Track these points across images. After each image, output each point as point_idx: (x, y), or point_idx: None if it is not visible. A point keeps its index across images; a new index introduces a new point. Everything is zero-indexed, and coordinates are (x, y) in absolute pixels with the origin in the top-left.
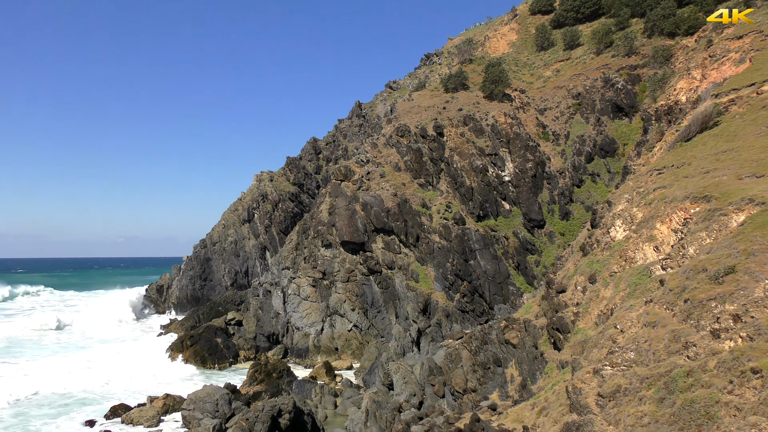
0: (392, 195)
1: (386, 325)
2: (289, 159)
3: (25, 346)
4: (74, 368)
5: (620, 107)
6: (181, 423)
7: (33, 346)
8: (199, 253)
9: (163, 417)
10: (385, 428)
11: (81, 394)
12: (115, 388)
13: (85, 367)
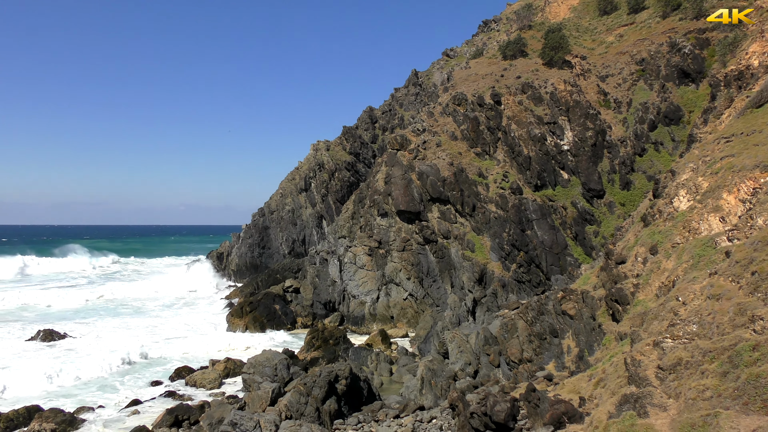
0: (448, 164)
1: (441, 294)
2: (345, 128)
3: (97, 313)
4: (141, 332)
5: (687, 73)
6: (241, 386)
7: (104, 312)
8: (257, 221)
9: (224, 380)
10: (440, 396)
11: (148, 355)
12: (179, 352)
13: (150, 330)
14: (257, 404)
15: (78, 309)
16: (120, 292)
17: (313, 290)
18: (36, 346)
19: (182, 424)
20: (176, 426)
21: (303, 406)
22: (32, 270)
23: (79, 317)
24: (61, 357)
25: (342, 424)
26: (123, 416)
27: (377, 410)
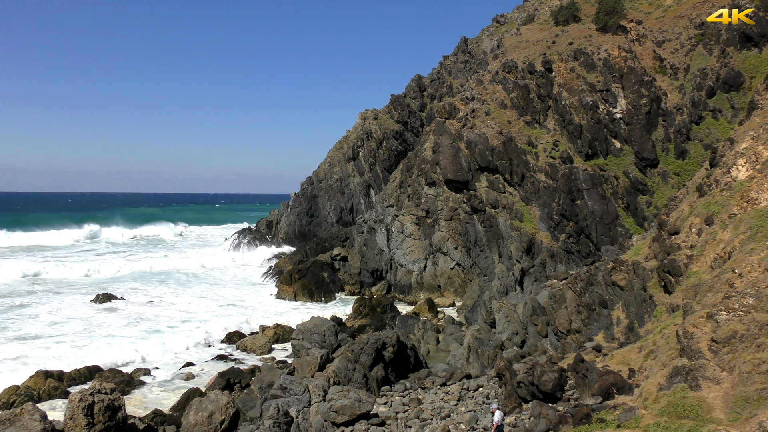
0: (497, 133)
1: (489, 264)
2: (393, 97)
3: (150, 280)
4: (193, 297)
5: (749, 37)
6: (290, 352)
7: (158, 279)
8: (306, 190)
9: (273, 345)
10: (487, 365)
11: (200, 319)
12: (229, 317)
13: (202, 296)
14: (306, 370)
15: (121, 276)
16: (173, 260)
17: (360, 258)
18: (96, 307)
19: (234, 387)
20: (228, 389)
21: (351, 372)
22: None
23: (132, 284)
24: (120, 320)
25: (389, 390)
26: (177, 378)
27: (424, 378)
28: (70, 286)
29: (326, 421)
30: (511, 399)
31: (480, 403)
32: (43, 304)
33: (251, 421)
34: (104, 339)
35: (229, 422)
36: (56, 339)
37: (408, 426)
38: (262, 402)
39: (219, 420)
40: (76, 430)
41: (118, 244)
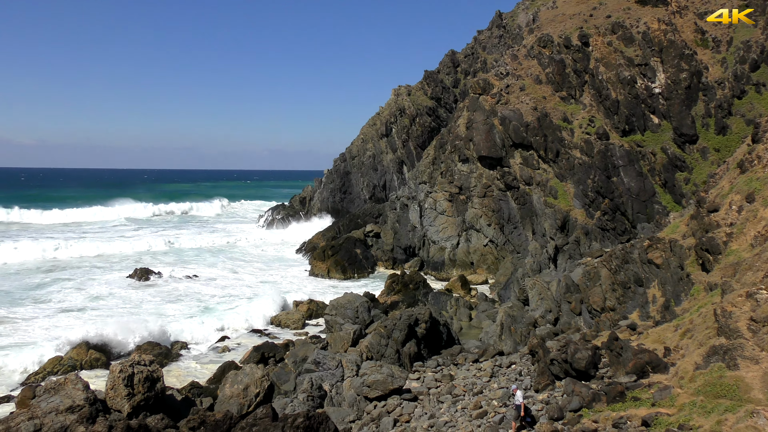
0: (532, 109)
1: (522, 241)
2: (426, 73)
3: (186, 257)
4: (228, 273)
5: None
6: (323, 327)
7: (194, 253)
8: (339, 166)
9: (307, 321)
10: (520, 342)
11: (235, 295)
12: (263, 293)
13: (234, 271)
14: (339, 345)
15: (157, 252)
16: (208, 237)
17: (393, 235)
18: (133, 283)
19: (268, 361)
20: (262, 362)
21: (383, 348)
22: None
23: (169, 260)
24: (157, 295)
25: (421, 366)
26: (213, 352)
27: (456, 354)
28: (109, 263)
29: (359, 396)
30: (543, 376)
31: (512, 380)
32: (84, 279)
33: (285, 395)
34: (142, 313)
35: (264, 395)
36: (97, 312)
37: (440, 402)
38: (296, 376)
39: (254, 393)
40: (117, 400)
41: (155, 221)
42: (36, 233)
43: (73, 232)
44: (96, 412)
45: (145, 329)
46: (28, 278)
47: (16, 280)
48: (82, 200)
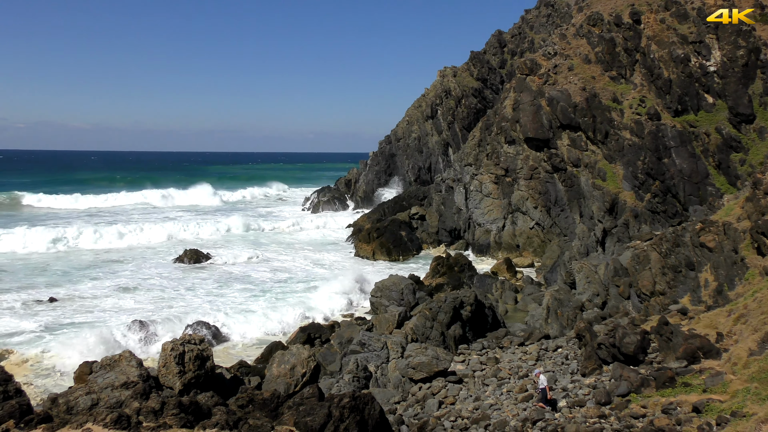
0: (580, 89)
1: (569, 224)
2: (472, 53)
3: (233, 241)
4: (274, 254)
5: None
6: (368, 308)
7: (246, 237)
8: (384, 148)
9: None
10: (566, 326)
11: (281, 278)
12: (310, 274)
13: (280, 254)
14: (384, 326)
15: (208, 240)
16: (253, 220)
17: (438, 217)
18: (182, 267)
19: (314, 341)
20: (309, 343)
21: (428, 330)
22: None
23: (219, 243)
24: (206, 277)
25: (466, 348)
26: (260, 332)
27: (501, 337)
28: (161, 248)
29: (404, 377)
30: (591, 360)
31: (559, 364)
32: (135, 263)
33: (331, 375)
34: (192, 294)
35: (310, 375)
36: (148, 293)
37: (485, 384)
38: (341, 357)
39: (300, 373)
40: (169, 377)
41: (201, 207)
42: (97, 217)
43: (129, 215)
44: (149, 389)
45: (194, 308)
46: (86, 260)
47: (76, 263)
48: (136, 184)
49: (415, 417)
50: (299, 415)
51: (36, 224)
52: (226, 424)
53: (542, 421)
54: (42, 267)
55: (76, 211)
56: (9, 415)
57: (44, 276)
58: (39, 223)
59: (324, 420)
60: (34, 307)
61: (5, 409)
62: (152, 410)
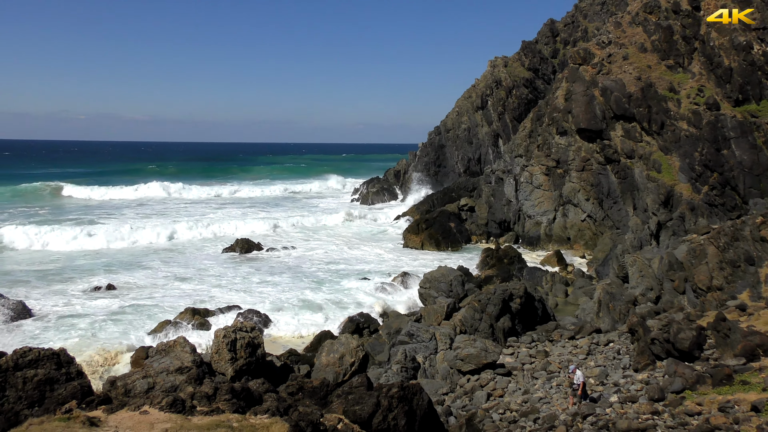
0: (635, 79)
1: (622, 216)
2: (524, 43)
3: (285, 231)
4: (324, 243)
5: None
6: (417, 299)
7: (295, 229)
8: (433, 139)
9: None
10: (618, 320)
11: (331, 268)
12: (358, 264)
13: (329, 244)
14: (432, 318)
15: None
16: (304, 212)
17: (488, 209)
18: (234, 257)
19: (362, 331)
20: (357, 333)
21: (477, 322)
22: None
23: (271, 235)
24: (258, 267)
25: (516, 341)
26: (309, 321)
27: (551, 330)
28: (211, 239)
29: (452, 369)
30: (643, 356)
31: (610, 359)
32: (188, 252)
33: (379, 365)
34: (243, 282)
35: (359, 364)
36: (200, 282)
37: (535, 377)
38: (389, 347)
39: (349, 362)
40: (221, 363)
41: (250, 199)
42: (147, 207)
43: (181, 207)
44: (203, 374)
45: (244, 296)
46: (140, 251)
47: (129, 253)
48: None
49: (463, 408)
50: (348, 403)
51: (96, 216)
52: (277, 410)
53: (593, 416)
54: (98, 258)
55: (135, 202)
56: (71, 396)
57: (101, 266)
58: (99, 214)
59: (372, 409)
60: (95, 294)
61: (68, 389)
62: (206, 395)
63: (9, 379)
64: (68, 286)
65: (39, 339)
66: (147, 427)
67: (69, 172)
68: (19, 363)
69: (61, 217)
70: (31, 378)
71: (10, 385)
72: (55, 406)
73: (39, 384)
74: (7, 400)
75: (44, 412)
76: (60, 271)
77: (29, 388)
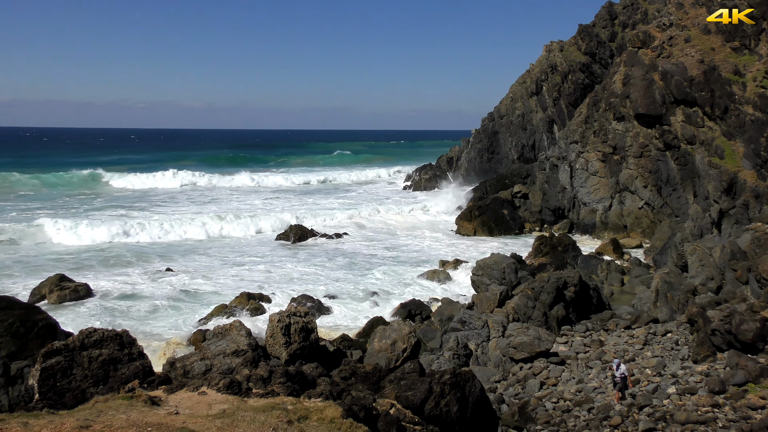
0: (697, 62)
1: (682, 204)
2: (581, 27)
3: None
4: (378, 230)
5: None
6: (469, 286)
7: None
8: (486, 126)
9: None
10: (677, 310)
11: (382, 255)
12: (411, 250)
13: (380, 230)
14: (485, 305)
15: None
16: (353, 199)
17: (541, 196)
18: (286, 245)
19: (414, 318)
20: (409, 319)
21: (530, 310)
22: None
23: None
24: (309, 253)
25: (569, 330)
26: (362, 306)
27: (607, 319)
28: (265, 227)
29: (505, 356)
30: (703, 347)
31: (668, 349)
32: (242, 238)
33: (431, 351)
34: (296, 268)
35: (411, 350)
36: (254, 267)
37: (589, 367)
38: (441, 334)
39: (401, 348)
40: (276, 347)
41: (308, 187)
42: (201, 194)
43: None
44: (258, 357)
45: (298, 282)
46: (193, 237)
47: (184, 241)
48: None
49: (516, 397)
50: (400, 389)
51: (149, 204)
52: (330, 394)
53: (649, 407)
54: (154, 246)
55: (187, 190)
56: (134, 375)
57: (157, 253)
58: (153, 202)
59: (425, 395)
60: (153, 277)
61: (130, 369)
62: (261, 378)
63: (76, 358)
64: (128, 269)
65: (101, 320)
66: (205, 408)
67: (127, 159)
68: (85, 343)
69: (113, 206)
70: (96, 357)
71: (76, 364)
72: (119, 384)
73: (103, 363)
74: (74, 378)
75: (108, 390)
76: (119, 257)
77: (94, 367)
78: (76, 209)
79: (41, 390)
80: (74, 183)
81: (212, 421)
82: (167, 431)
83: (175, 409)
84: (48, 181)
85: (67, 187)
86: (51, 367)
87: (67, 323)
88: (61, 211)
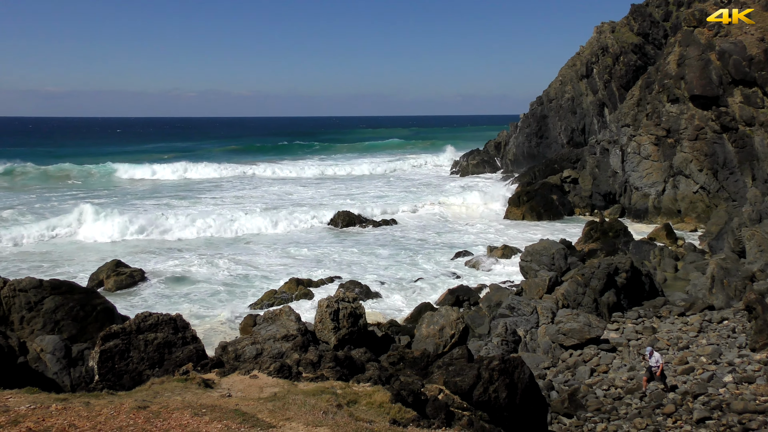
0: (758, 40)
1: (739, 188)
2: (633, 6)
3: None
4: (428, 218)
5: None
6: (517, 272)
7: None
8: (535, 110)
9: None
10: (734, 297)
11: (432, 241)
12: (459, 236)
13: (428, 216)
14: (534, 291)
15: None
16: (400, 186)
17: (592, 181)
18: (333, 230)
19: (462, 303)
20: (457, 305)
21: (580, 297)
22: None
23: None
24: (357, 240)
25: (621, 317)
26: (409, 292)
27: (659, 306)
28: (313, 213)
29: (554, 343)
30: (762, 335)
31: (724, 337)
32: (289, 222)
33: (479, 338)
34: (345, 254)
35: (459, 336)
36: (302, 253)
37: (641, 354)
38: (490, 320)
39: (449, 334)
40: (325, 332)
41: (354, 175)
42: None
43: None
44: (307, 342)
45: (346, 268)
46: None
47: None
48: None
49: (566, 383)
50: (449, 374)
51: (199, 193)
52: (379, 379)
53: (704, 395)
54: (202, 234)
55: (235, 179)
56: (188, 359)
57: (207, 243)
58: (200, 191)
59: (473, 381)
60: (206, 263)
61: (184, 353)
62: (311, 362)
63: (132, 342)
64: (183, 255)
65: (156, 304)
66: (257, 391)
67: (175, 146)
68: (141, 326)
69: (156, 196)
70: (152, 341)
71: (133, 347)
72: (174, 367)
73: (159, 347)
74: (131, 360)
75: (164, 372)
76: (172, 246)
77: (150, 350)
78: (119, 199)
79: (100, 371)
80: (117, 176)
81: (264, 404)
82: (221, 413)
83: (228, 392)
84: (101, 171)
85: (107, 177)
86: (109, 350)
87: (124, 308)
88: (106, 201)
